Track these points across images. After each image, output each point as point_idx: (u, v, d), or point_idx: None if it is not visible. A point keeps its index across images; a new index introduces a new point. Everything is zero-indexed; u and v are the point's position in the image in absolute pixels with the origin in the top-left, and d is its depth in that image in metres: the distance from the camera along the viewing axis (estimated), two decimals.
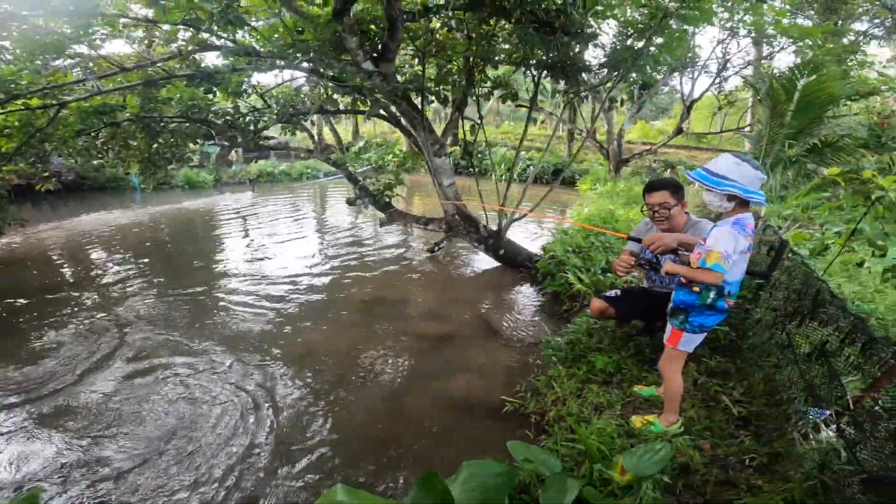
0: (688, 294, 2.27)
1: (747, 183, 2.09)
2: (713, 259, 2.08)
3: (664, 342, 2.44)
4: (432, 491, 1.64)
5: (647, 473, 1.93)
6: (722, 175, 2.11)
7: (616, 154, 12.79)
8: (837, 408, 2.03)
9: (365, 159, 9.64)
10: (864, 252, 4.94)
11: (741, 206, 2.15)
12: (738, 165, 2.10)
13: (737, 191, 2.08)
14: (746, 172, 2.09)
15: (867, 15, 11.33)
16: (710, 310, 2.25)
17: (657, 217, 2.86)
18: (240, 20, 4.24)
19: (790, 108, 6.13)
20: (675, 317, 2.35)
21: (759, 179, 2.13)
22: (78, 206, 11.08)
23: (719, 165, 2.15)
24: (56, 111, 4.51)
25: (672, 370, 2.43)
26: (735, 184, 2.08)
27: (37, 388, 3.57)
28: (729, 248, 2.08)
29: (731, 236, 2.09)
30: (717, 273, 2.08)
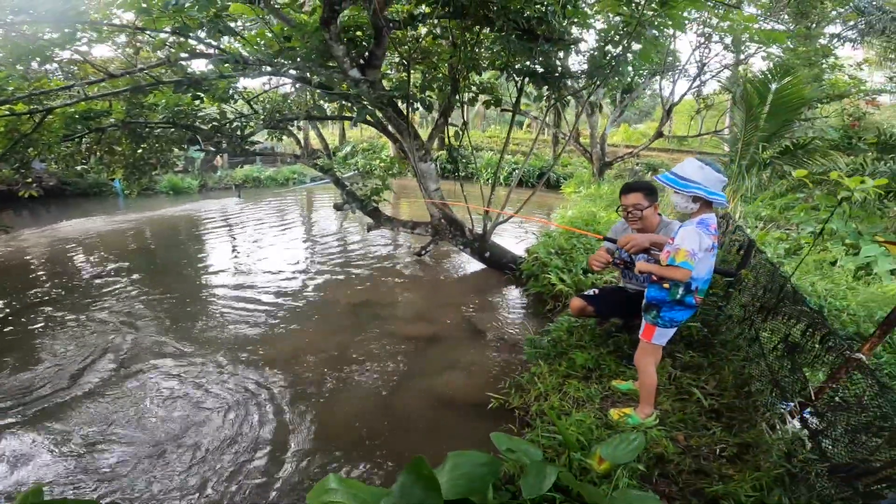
0: (659, 291, 2.41)
1: (710, 185, 2.25)
2: (681, 257, 2.22)
3: (639, 337, 2.57)
4: (420, 477, 1.71)
5: (623, 462, 2.04)
6: (687, 178, 2.27)
7: (599, 157, 13.01)
8: (801, 399, 2.16)
9: (352, 164, 9.70)
10: (838, 251, 5.17)
11: (705, 207, 2.31)
12: (701, 169, 2.27)
13: (701, 192, 2.24)
14: (709, 175, 2.25)
15: (840, 18, 11.67)
16: (680, 305, 2.40)
17: (630, 217, 2.99)
18: (229, 30, 4.29)
19: (764, 111, 6.37)
20: (648, 312, 2.49)
21: (721, 182, 2.29)
22: (60, 212, 10.92)
23: (685, 169, 2.31)
24: (42, 117, 4.50)
25: (646, 363, 2.55)
26: (699, 186, 2.25)
27: (29, 394, 3.56)
28: (694, 246, 2.22)
29: (696, 234, 2.24)
30: (685, 270, 2.22)
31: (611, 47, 4.89)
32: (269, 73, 5.25)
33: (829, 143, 7.04)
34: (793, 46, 9.55)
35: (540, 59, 5.06)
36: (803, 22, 10.36)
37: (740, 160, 6.80)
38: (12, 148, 4.65)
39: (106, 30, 4.55)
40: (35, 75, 4.68)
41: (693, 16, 8.02)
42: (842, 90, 10.10)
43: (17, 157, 5.04)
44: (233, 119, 6.10)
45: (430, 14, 4.86)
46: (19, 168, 5.32)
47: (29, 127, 4.58)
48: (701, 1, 4.00)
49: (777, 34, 5.54)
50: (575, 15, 4.79)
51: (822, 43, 11.21)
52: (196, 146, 7.00)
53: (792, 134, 6.83)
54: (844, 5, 10.81)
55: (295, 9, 5.01)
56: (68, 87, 4.43)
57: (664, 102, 11.59)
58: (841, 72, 11.39)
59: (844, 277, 4.40)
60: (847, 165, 6.27)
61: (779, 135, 6.66)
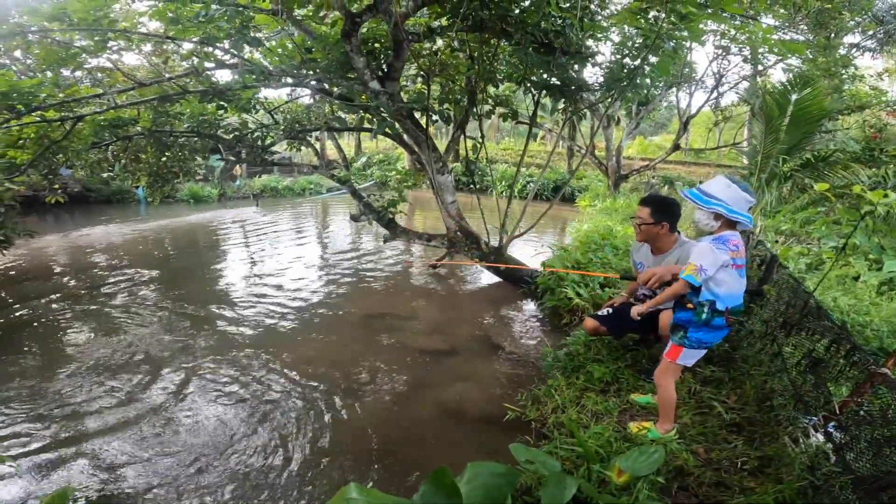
0: (684, 311, 2.38)
1: (733, 204, 2.20)
2: (687, 270, 2.22)
3: (663, 356, 2.53)
4: (442, 486, 1.71)
5: (642, 474, 2.02)
6: (712, 195, 2.24)
7: (615, 170, 12.96)
8: (825, 413, 2.12)
9: (368, 175, 9.81)
10: (861, 266, 5.07)
11: (727, 226, 2.26)
12: (728, 187, 2.22)
13: (722, 210, 2.20)
14: (735, 194, 2.21)
15: (859, 28, 11.52)
16: (708, 327, 2.34)
17: (635, 229, 3.05)
18: (256, 41, 4.41)
19: (783, 123, 6.28)
20: (674, 333, 2.45)
21: (748, 202, 2.23)
22: (83, 218, 11.21)
23: (711, 186, 2.28)
24: (73, 124, 4.64)
25: (666, 381, 2.51)
26: (722, 203, 2.20)
27: (52, 397, 3.65)
28: (705, 262, 2.19)
29: (710, 250, 2.21)
30: (683, 281, 2.23)
31: (628, 60, 4.91)
32: (290, 84, 5.38)
33: (850, 155, 6.91)
34: (812, 57, 9.45)
35: (557, 71, 5.10)
36: (822, 33, 10.24)
37: (760, 173, 6.71)
38: (42, 154, 4.80)
39: (136, 38, 4.71)
40: (66, 82, 4.84)
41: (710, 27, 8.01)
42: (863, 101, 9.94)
43: (46, 164, 5.20)
44: (254, 129, 6.24)
45: (448, 27, 4.94)
46: (47, 174, 5.50)
47: (59, 134, 4.74)
48: (720, 14, 4.00)
49: (795, 45, 5.50)
50: (592, 28, 4.83)
51: (842, 53, 11.05)
52: (217, 155, 7.16)
53: (813, 146, 6.72)
54: (863, 15, 10.68)
55: (317, 21, 5.13)
56: (99, 95, 4.57)
57: (681, 114, 11.55)
58: (861, 82, 11.23)
59: (867, 293, 4.31)
60: (869, 178, 6.15)
61: (799, 147, 6.56)
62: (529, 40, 4.63)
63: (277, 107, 6.70)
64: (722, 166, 16.50)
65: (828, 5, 8.65)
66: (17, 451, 3.02)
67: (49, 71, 4.64)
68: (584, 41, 5.08)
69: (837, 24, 10.24)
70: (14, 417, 3.36)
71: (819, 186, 4.27)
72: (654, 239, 3.01)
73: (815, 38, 10.05)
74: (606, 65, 5.25)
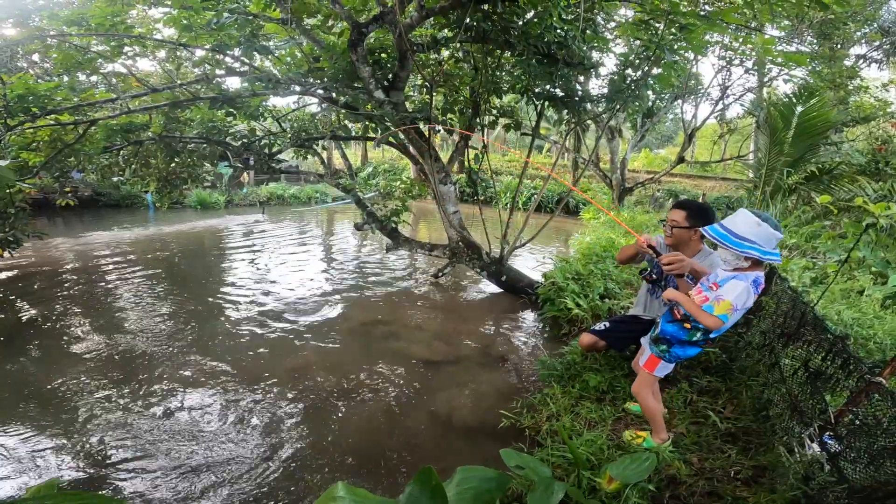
0: (678, 329, 2.35)
1: (765, 244, 2.05)
2: (722, 309, 2.09)
3: (641, 367, 2.51)
4: (428, 486, 1.71)
5: (633, 481, 2.00)
6: (742, 236, 2.06)
7: (619, 183, 12.93)
8: (820, 423, 2.10)
9: (373, 185, 9.88)
10: (865, 280, 5.03)
11: (756, 265, 2.13)
12: (758, 226, 2.04)
13: (756, 254, 2.04)
14: (766, 233, 2.04)
15: (864, 39, 11.47)
16: (690, 345, 2.35)
17: (665, 231, 2.98)
18: (265, 49, 4.51)
19: (788, 135, 6.28)
20: (657, 345, 2.42)
21: (777, 238, 2.08)
22: (92, 222, 11.37)
23: (738, 225, 2.08)
24: (86, 128, 4.74)
25: (646, 394, 2.49)
26: (755, 246, 2.04)
27: (51, 396, 3.69)
28: (739, 303, 2.09)
29: (746, 293, 2.09)
30: (720, 322, 2.12)
31: (630, 71, 4.95)
32: (298, 93, 5.48)
33: (855, 167, 6.87)
34: (818, 68, 9.43)
35: (560, 83, 5.14)
36: (826, 43, 10.21)
37: (764, 186, 6.70)
38: (55, 157, 4.90)
39: (150, 44, 4.82)
40: (82, 87, 4.96)
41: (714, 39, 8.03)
42: (868, 112, 9.90)
43: (58, 166, 5.31)
44: (261, 136, 6.34)
45: (452, 38, 5.02)
46: (59, 177, 5.61)
47: (72, 137, 4.84)
48: (720, 25, 4.03)
49: (798, 56, 5.51)
50: (594, 40, 4.88)
51: (848, 64, 11.00)
52: (225, 162, 7.27)
53: (817, 158, 6.69)
54: (868, 26, 10.66)
55: (325, 30, 5.23)
56: (113, 99, 4.67)
57: (686, 127, 11.53)
58: (866, 94, 11.17)
59: (872, 306, 4.27)
60: (875, 192, 6.11)
61: (804, 159, 6.55)
62: (532, 51, 4.69)
63: (285, 114, 6.80)
64: (727, 179, 16.44)
65: (831, 16, 8.66)
66: (9, 443, 3.06)
67: (66, 75, 4.77)
68: (587, 52, 5.13)
69: (842, 34, 10.23)
70: (10, 412, 3.40)
71: (821, 199, 4.26)
72: (683, 243, 2.92)
73: (819, 49, 10.04)
74: (609, 76, 5.29)
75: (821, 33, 9.81)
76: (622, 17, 6.26)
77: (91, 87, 5.25)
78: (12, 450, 3.01)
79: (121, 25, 4.39)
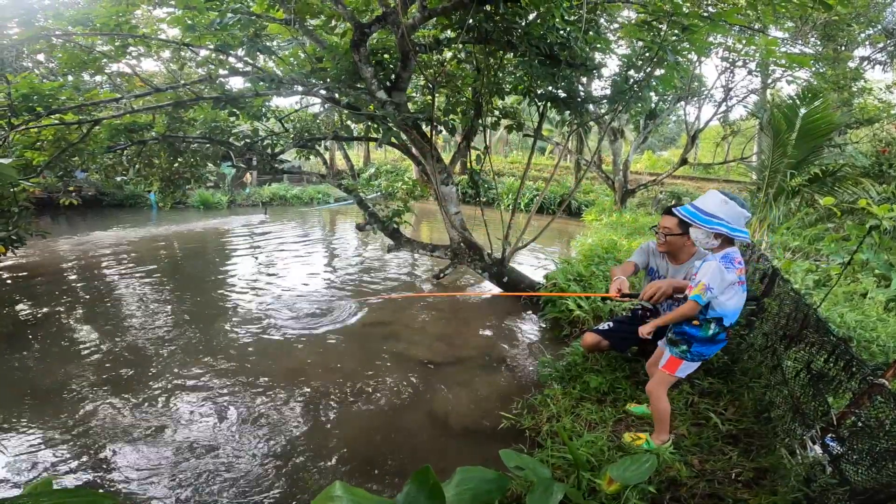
0: (690, 327, 2.37)
1: (733, 221, 2.16)
2: (697, 290, 2.20)
3: (659, 368, 2.51)
4: (426, 486, 1.71)
5: (633, 482, 1.99)
6: (710, 213, 2.18)
7: (622, 185, 12.90)
8: (822, 424, 2.08)
9: (375, 186, 9.89)
10: (869, 283, 5.01)
11: (727, 243, 2.24)
12: (725, 204, 2.18)
13: (724, 230, 2.16)
14: (732, 211, 2.17)
15: (869, 40, 11.41)
16: (712, 341, 2.36)
17: (658, 238, 2.99)
18: (267, 49, 4.51)
19: (792, 137, 6.24)
20: (676, 346, 2.43)
21: (745, 217, 2.20)
22: (96, 221, 11.41)
23: (707, 203, 2.22)
24: (90, 127, 4.76)
25: (660, 392, 2.49)
26: (722, 222, 2.16)
27: (49, 394, 3.70)
28: (714, 282, 2.18)
29: (718, 270, 2.19)
30: (695, 303, 2.21)
31: (633, 72, 4.94)
32: (301, 93, 5.48)
33: (859, 170, 6.83)
34: (822, 70, 9.38)
35: (562, 83, 5.14)
36: (830, 45, 10.16)
37: (768, 188, 6.67)
38: (59, 156, 4.92)
39: (154, 44, 4.84)
40: (86, 86, 4.97)
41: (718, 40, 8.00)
42: (871, 114, 9.85)
43: (62, 166, 5.33)
44: (264, 137, 6.35)
45: (455, 39, 5.02)
46: (62, 176, 5.63)
47: (76, 136, 4.86)
48: (722, 26, 4.02)
49: (801, 58, 5.48)
50: (597, 41, 4.88)
51: (852, 66, 10.93)
52: (228, 162, 7.27)
53: (821, 161, 6.65)
54: (872, 27, 10.61)
55: (327, 31, 5.24)
56: (117, 99, 4.68)
57: (689, 128, 11.49)
58: (870, 95, 11.12)
59: (875, 309, 4.25)
60: (879, 194, 6.08)
61: (807, 161, 6.49)
62: (534, 52, 4.68)
63: (288, 115, 6.81)
64: (730, 181, 16.37)
65: (835, 17, 8.62)
66: (8, 441, 3.07)
67: (70, 74, 4.78)
68: (589, 53, 5.13)
69: (846, 36, 10.18)
70: (10, 410, 3.41)
71: (825, 201, 4.24)
72: (677, 250, 2.98)
73: (823, 51, 9.99)
74: (612, 77, 5.29)
75: (825, 35, 9.77)
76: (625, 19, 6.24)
77: (95, 87, 5.27)
78: (11, 448, 3.02)
79: (125, 25, 4.40)
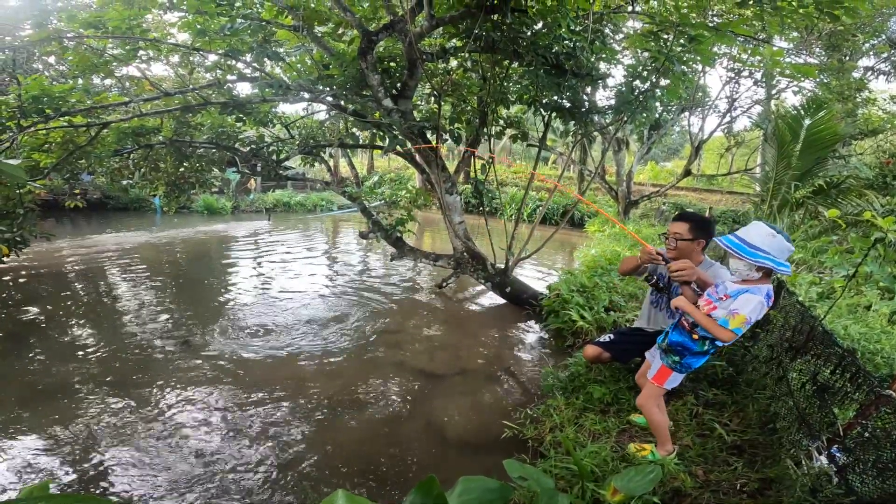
0: (688, 339, 2.36)
1: (778, 255, 2.10)
2: (737, 323, 2.13)
3: (648, 379, 2.49)
4: (429, 496, 1.69)
5: (637, 493, 1.97)
6: (755, 246, 2.11)
7: (625, 196, 12.90)
8: (829, 435, 2.07)
9: (379, 194, 9.91)
10: (873, 295, 4.98)
11: (766, 276, 2.18)
12: (772, 238, 2.11)
13: (770, 264, 2.08)
14: (779, 245, 2.10)
15: (873, 50, 11.41)
16: (702, 355, 2.37)
17: (668, 244, 2.98)
18: (276, 55, 4.55)
19: (796, 148, 6.24)
20: (668, 356, 2.42)
21: (789, 251, 2.13)
22: (100, 224, 11.46)
23: (752, 236, 2.14)
24: (98, 130, 4.79)
25: (651, 405, 2.48)
26: (769, 256, 2.08)
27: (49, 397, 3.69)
28: (753, 316, 2.13)
29: (760, 306, 2.13)
30: (734, 335, 2.15)
31: (638, 83, 4.96)
32: (307, 100, 5.52)
33: (863, 182, 6.81)
34: (826, 80, 9.39)
35: (567, 93, 5.16)
36: (835, 55, 10.16)
37: (771, 200, 6.66)
38: (66, 159, 4.96)
39: (164, 48, 4.88)
40: (95, 89, 5.02)
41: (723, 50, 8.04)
42: (876, 125, 9.84)
43: (69, 168, 5.36)
44: (270, 143, 6.38)
45: (461, 48, 5.06)
46: (69, 179, 5.67)
47: (84, 139, 4.89)
48: (728, 36, 4.04)
49: (806, 68, 5.50)
50: (603, 51, 4.91)
51: (856, 76, 10.92)
52: (233, 168, 7.31)
53: (825, 172, 6.64)
54: (877, 37, 10.63)
55: (335, 38, 5.28)
56: (126, 102, 4.72)
57: (693, 139, 11.50)
58: (874, 106, 11.11)
59: (879, 321, 4.24)
60: (883, 206, 6.06)
61: (812, 173, 6.50)
62: (540, 62, 4.71)
63: (294, 121, 6.86)
64: (734, 193, 16.38)
65: (840, 27, 8.65)
66: (5, 444, 3.06)
67: (81, 77, 4.83)
68: (595, 64, 5.15)
69: (850, 46, 10.21)
70: (9, 413, 3.41)
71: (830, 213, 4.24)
72: (686, 255, 2.92)
73: (828, 61, 10.01)
74: (617, 87, 5.31)
75: (829, 45, 9.79)
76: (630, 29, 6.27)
77: (104, 90, 5.32)
78: (8, 450, 3.00)
79: (137, 29, 4.45)
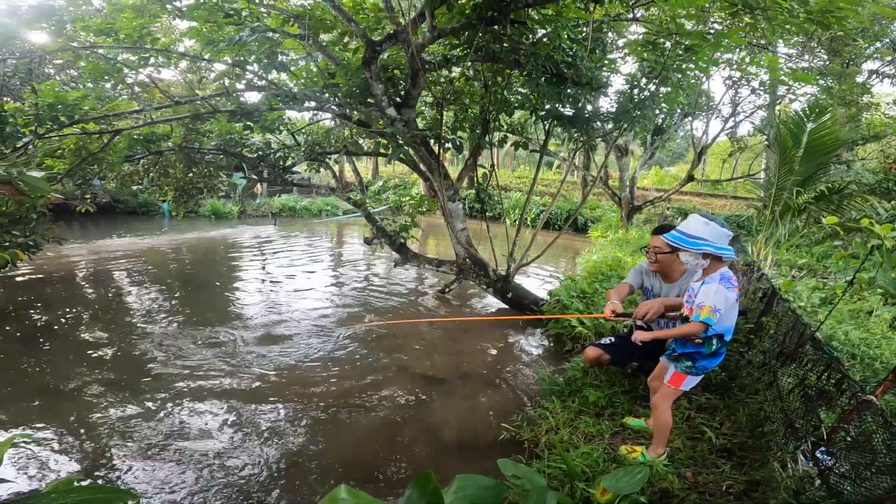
0: (692, 346, 2.45)
1: (716, 240, 2.31)
2: (706, 313, 2.27)
3: (665, 383, 2.57)
4: (426, 491, 1.77)
5: (625, 492, 2.03)
6: (694, 235, 2.32)
7: (628, 201, 12.91)
8: (814, 439, 2.12)
9: (383, 200, 9.99)
10: (875, 301, 5.00)
11: (716, 262, 2.36)
12: (706, 225, 2.34)
13: (710, 249, 2.29)
14: (714, 231, 2.32)
15: (876, 54, 11.38)
16: (714, 355, 2.45)
17: (649, 258, 3.05)
18: (283, 66, 4.66)
19: (798, 153, 6.23)
20: (680, 362, 2.50)
21: (727, 236, 2.35)
22: (109, 228, 11.65)
23: (690, 226, 2.37)
24: (111, 137, 4.91)
25: (665, 406, 2.55)
26: (707, 242, 2.30)
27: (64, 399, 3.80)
28: (719, 303, 2.28)
29: (722, 292, 2.29)
30: (705, 324, 2.28)
31: (637, 91, 5.03)
32: (313, 108, 5.63)
33: (866, 187, 6.79)
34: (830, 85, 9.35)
35: (568, 101, 5.23)
36: (837, 60, 10.13)
37: (774, 205, 6.67)
38: (79, 165, 5.09)
39: (174, 56, 5.01)
40: (106, 96, 5.14)
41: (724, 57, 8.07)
42: (878, 130, 9.78)
43: (81, 174, 5.50)
44: (276, 149, 6.50)
45: (463, 57, 5.15)
46: (81, 184, 5.81)
47: (97, 146, 5.02)
48: (724, 45, 4.09)
49: (804, 75, 5.51)
50: (603, 60, 4.98)
51: (859, 80, 10.85)
52: (240, 173, 7.44)
53: (828, 177, 6.63)
54: (880, 41, 10.59)
55: (340, 47, 5.39)
56: (138, 110, 4.84)
57: (696, 144, 11.49)
58: (877, 110, 11.04)
59: (880, 327, 4.27)
60: (886, 211, 6.05)
61: (814, 178, 6.48)
62: (541, 71, 4.78)
63: (300, 128, 6.97)
64: (738, 198, 16.34)
65: (840, 33, 8.64)
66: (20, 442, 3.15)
67: (92, 84, 4.96)
68: (595, 72, 5.22)
69: (852, 51, 10.17)
70: (26, 414, 3.52)
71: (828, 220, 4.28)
72: (668, 268, 3.03)
73: (830, 66, 9.97)
74: (616, 96, 5.38)
75: (831, 50, 9.77)
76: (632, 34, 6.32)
77: (115, 97, 5.45)
78: (23, 448, 3.10)
79: (148, 37, 4.58)
